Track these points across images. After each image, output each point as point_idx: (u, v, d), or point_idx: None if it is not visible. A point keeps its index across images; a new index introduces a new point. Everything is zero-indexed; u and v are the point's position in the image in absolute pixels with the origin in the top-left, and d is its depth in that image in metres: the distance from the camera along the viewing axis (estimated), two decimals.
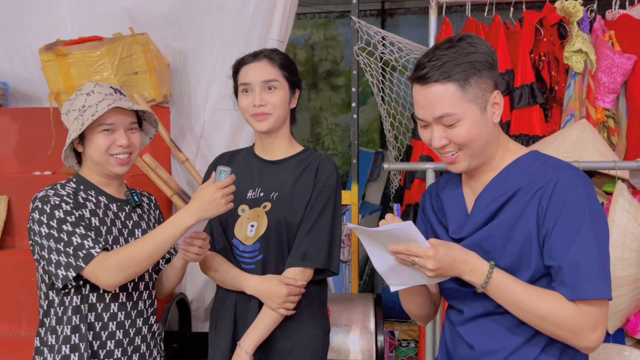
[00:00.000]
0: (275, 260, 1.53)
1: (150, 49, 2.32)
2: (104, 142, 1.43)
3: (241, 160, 1.64)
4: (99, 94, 1.45)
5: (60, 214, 1.37)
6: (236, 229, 1.56)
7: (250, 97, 1.54)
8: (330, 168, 1.57)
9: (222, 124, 2.48)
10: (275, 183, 1.56)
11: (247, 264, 1.55)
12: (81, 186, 1.47)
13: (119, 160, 1.45)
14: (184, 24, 2.48)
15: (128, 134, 1.46)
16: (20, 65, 2.59)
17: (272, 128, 1.55)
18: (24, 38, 2.54)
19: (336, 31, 5.15)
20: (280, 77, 1.55)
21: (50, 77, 2.19)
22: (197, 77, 2.50)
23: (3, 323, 2.07)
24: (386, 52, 2.39)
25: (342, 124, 5.06)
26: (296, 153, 1.61)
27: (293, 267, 1.51)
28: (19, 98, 2.62)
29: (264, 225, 1.52)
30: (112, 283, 1.37)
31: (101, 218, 1.44)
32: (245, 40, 2.41)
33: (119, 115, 1.44)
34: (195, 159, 2.47)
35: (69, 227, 1.36)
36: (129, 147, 1.46)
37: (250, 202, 1.56)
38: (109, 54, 2.19)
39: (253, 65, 1.56)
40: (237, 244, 1.56)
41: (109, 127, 1.43)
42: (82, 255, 1.35)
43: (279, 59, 1.57)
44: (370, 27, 2.35)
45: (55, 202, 1.38)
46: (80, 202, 1.42)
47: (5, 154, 2.43)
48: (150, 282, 1.54)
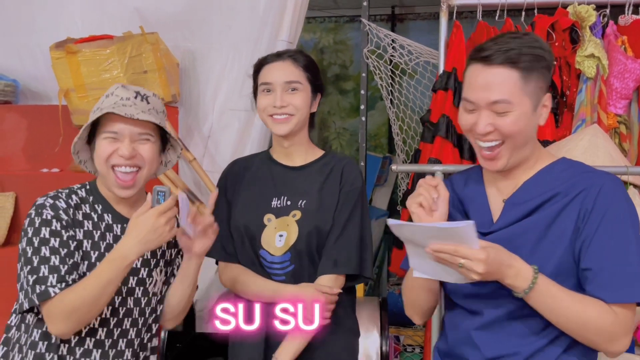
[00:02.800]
0: (307, 270, 1.49)
1: (160, 48, 2.32)
2: (105, 149, 1.28)
3: (259, 166, 1.58)
4: (115, 97, 1.30)
5: (46, 234, 1.24)
6: (263, 240, 1.49)
7: (271, 98, 1.48)
8: (355, 171, 1.54)
9: (230, 124, 2.47)
10: (301, 190, 1.51)
11: (276, 275, 1.49)
12: (90, 197, 1.34)
13: (120, 179, 1.28)
14: (194, 25, 2.49)
15: (135, 144, 1.28)
16: (30, 63, 2.60)
17: (291, 131, 1.49)
18: (34, 36, 2.56)
19: (345, 35, 5.14)
20: (304, 78, 1.50)
21: (60, 74, 2.20)
22: (206, 77, 2.50)
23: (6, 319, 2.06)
24: (396, 55, 2.38)
25: (350, 128, 5.04)
26: (318, 157, 1.56)
27: (325, 274, 1.47)
28: (28, 96, 2.63)
29: (295, 234, 1.47)
30: (57, 331, 1.22)
31: (95, 242, 1.30)
32: (254, 41, 2.41)
33: (124, 123, 1.27)
34: (203, 159, 2.47)
35: (46, 252, 1.22)
36: (134, 160, 1.28)
37: (276, 212, 1.50)
38: (119, 52, 2.19)
39: (276, 65, 1.50)
40: (264, 255, 1.50)
41: (112, 135, 1.28)
42: (39, 292, 1.20)
43: (303, 60, 1.52)
44: (380, 30, 2.34)
45: (48, 217, 1.25)
46: (77, 220, 1.28)
47: (13, 151, 2.44)
48: (140, 317, 1.36)
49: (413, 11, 5.00)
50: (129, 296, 1.34)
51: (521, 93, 1.08)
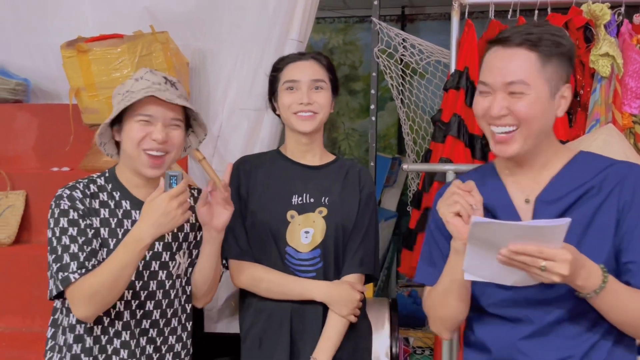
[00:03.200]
0: (334, 267, 1.51)
1: (170, 48, 2.32)
2: (137, 132, 1.32)
3: (271, 164, 1.59)
4: (146, 81, 1.35)
5: (64, 223, 1.30)
6: (288, 237, 1.50)
7: (297, 95, 1.51)
8: (370, 176, 1.61)
9: (240, 124, 2.45)
10: (323, 188, 1.54)
11: (306, 272, 1.50)
12: (109, 185, 1.39)
13: (150, 159, 1.32)
14: (204, 24, 2.48)
15: (167, 129, 1.33)
16: (41, 62, 2.60)
17: (315, 128, 1.53)
18: (45, 36, 2.57)
19: (355, 36, 5.13)
20: (327, 78, 1.55)
21: (71, 73, 2.20)
22: (216, 76, 2.49)
23: (17, 317, 2.07)
24: (407, 54, 2.37)
25: (359, 129, 5.03)
26: (332, 160, 1.61)
27: (352, 273, 1.50)
28: (39, 95, 2.64)
29: (322, 231, 1.49)
30: (80, 314, 1.28)
31: (112, 229, 1.34)
32: (264, 40, 2.40)
33: (159, 107, 1.32)
34: (212, 158, 2.45)
35: (66, 241, 1.29)
36: (165, 145, 1.33)
37: (298, 208, 1.51)
38: (129, 51, 2.19)
39: (302, 64, 1.55)
40: (291, 252, 1.51)
41: (146, 118, 1.32)
42: (61, 278, 1.27)
43: (325, 61, 1.58)
44: (390, 29, 2.33)
45: (65, 207, 1.31)
46: (93, 208, 1.33)
47: (24, 149, 2.45)
48: (164, 299, 1.41)
49: (423, 11, 4.98)
50: (152, 280, 1.39)
51: (539, 76, 1.06)
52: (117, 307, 1.35)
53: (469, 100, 1.99)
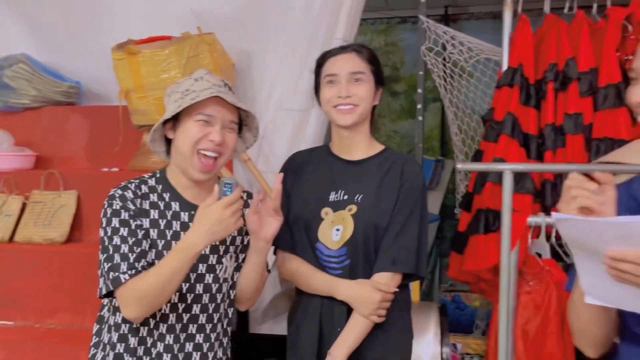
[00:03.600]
0: (363, 265, 1.48)
1: (217, 49, 2.33)
2: (196, 132, 1.32)
3: (318, 160, 1.59)
4: (207, 82, 1.36)
5: (116, 223, 1.31)
6: (320, 233, 1.51)
7: (336, 88, 1.50)
8: (416, 169, 1.52)
9: (284, 124, 2.44)
10: (359, 185, 1.51)
11: (333, 269, 1.49)
12: (159, 186, 1.39)
13: (202, 162, 1.32)
14: (249, 25, 2.48)
15: (225, 131, 1.34)
16: (92, 64, 2.66)
17: (356, 122, 1.50)
18: (96, 38, 2.62)
19: (397, 37, 5.07)
20: (368, 70, 1.52)
21: (121, 75, 2.24)
22: (261, 77, 2.49)
23: (68, 314, 2.11)
24: (455, 52, 2.30)
25: (400, 130, 4.95)
26: (377, 152, 1.56)
27: (383, 272, 1.46)
28: (90, 97, 2.70)
29: (350, 229, 1.47)
30: (130, 315, 1.29)
31: (161, 230, 1.34)
32: (309, 40, 2.38)
33: (220, 108, 1.33)
34: (257, 159, 2.45)
35: (117, 241, 1.30)
36: (221, 147, 1.34)
37: (333, 205, 1.51)
38: (177, 53, 2.21)
39: (341, 57, 1.54)
40: (321, 249, 1.51)
41: (206, 118, 1.32)
42: (112, 278, 1.28)
43: (367, 53, 1.55)
44: (438, 27, 2.27)
45: (117, 207, 1.32)
46: (143, 209, 1.34)
47: (76, 150, 2.52)
48: (211, 303, 1.40)
49: (467, 11, 4.88)
50: (198, 283, 1.38)
51: None
52: (162, 309, 1.35)
53: (523, 98, 1.91)
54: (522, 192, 1.78)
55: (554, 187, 1.83)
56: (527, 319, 1.70)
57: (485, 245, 1.84)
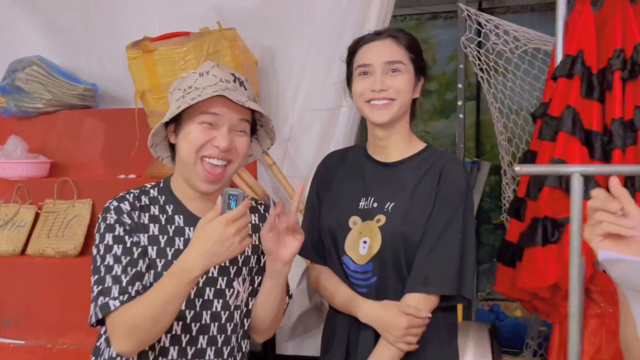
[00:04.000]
0: (393, 285, 1.29)
1: (238, 45, 2.18)
2: (199, 136, 1.13)
3: (353, 161, 1.42)
4: (213, 77, 1.16)
5: (109, 240, 1.13)
6: (347, 245, 1.33)
7: (369, 80, 1.31)
8: (457, 170, 1.32)
9: (311, 125, 2.29)
10: (391, 191, 1.32)
11: (359, 286, 1.33)
12: (162, 196, 1.21)
13: (208, 170, 1.14)
14: (273, 20, 2.35)
15: (233, 135, 1.15)
16: (109, 66, 2.57)
17: (393, 118, 1.31)
18: (113, 39, 2.51)
19: (428, 34, 4.86)
20: (406, 58, 1.32)
21: (136, 75, 2.10)
22: (286, 75, 2.35)
23: (82, 333, 1.97)
24: (499, 42, 2.08)
25: (432, 131, 4.75)
26: (416, 152, 1.36)
27: (413, 292, 1.26)
28: (107, 100, 2.60)
29: (377, 242, 1.29)
30: (120, 349, 1.10)
31: (161, 248, 1.16)
32: (337, 34, 2.21)
33: (226, 108, 1.14)
34: (283, 163, 2.30)
35: (110, 261, 1.11)
36: (228, 153, 1.14)
37: (362, 214, 1.33)
38: (195, 49, 2.06)
39: (375, 45, 1.34)
40: (347, 262, 1.34)
41: (211, 120, 1.13)
42: (101, 304, 1.10)
43: (406, 38, 1.34)
44: (480, 15, 2.05)
45: (111, 221, 1.14)
46: (142, 223, 1.15)
47: (91, 156, 2.40)
48: (220, 335, 1.20)
49: (503, 4, 4.65)
50: (205, 310, 1.18)
51: None
52: (162, 342, 1.16)
53: (584, 90, 1.67)
54: (585, 198, 1.54)
55: None
56: (599, 347, 1.46)
57: (544, 259, 1.61)
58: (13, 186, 2.23)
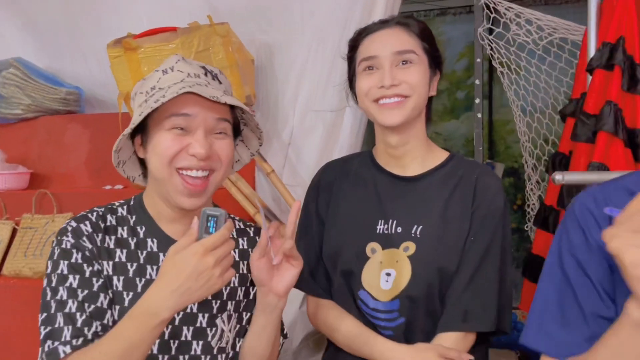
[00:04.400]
0: (424, 323, 1.12)
1: (232, 42, 1.99)
2: (170, 144, 0.95)
3: (359, 173, 1.21)
4: (179, 73, 0.99)
5: (64, 269, 0.95)
6: (364, 277, 1.13)
7: (376, 76, 1.11)
8: (494, 185, 1.14)
9: (314, 128, 2.13)
10: (416, 211, 1.13)
11: (381, 327, 1.13)
12: (133, 216, 1.03)
13: (188, 183, 0.96)
14: (271, 13, 2.19)
15: (211, 139, 0.98)
16: (96, 68, 2.43)
17: (406, 119, 1.11)
18: (99, 39, 2.32)
19: (436, 31, 4.71)
20: (419, 48, 1.13)
21: (119, 76, 1.92)
22: (285, 74, 2.18)
23: None
24: (521, 32, 1.87)
25: (443, 132, 4.59)
26: (441, 163, 1.17)
27: (451, 331, 1.09)
28: (94, 104, 2.46)
29: (407, 275, 1.09)
30: None
31: (129, 278, 0.99)
32: (342, 27, 2.05)
33: (199, 108, 0.96)
34: (283, 170, 2.12)
35: (64, 294, 0.93)
36: (209, 161, 0.97)
37: (382, 240, 1.12)
38: (184, 46, 1.87)
39: (381, 34, 1.14)
40: (365, 299, 1.13)
41: (182, 124, 0.96)
42: (47, 350, 0.91)
43: (417, 26, 1.16)
44: (499, 3, 1.85)
45: (67, 245, 0.97)
46: (106, 248, 0.99)
47: (76, 166, 2.23)
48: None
49: None
50: (182, 354, 1.00)
51: None
52: None
53: (626, 83, 1.46)
54: None
55: None
56: None
57: None
58: None
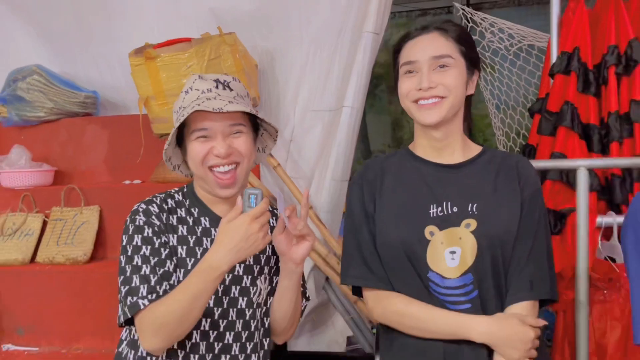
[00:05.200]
0: (495, 296, 1.18)
1: (239, 49, 2.20)
2: (199, 150, 1.18)
3: (401, 167, 1.29)
4: (195, 92, 1.20)
5: (138, 241, 1.17)
6: (430, 259, 1.19)
7: (415, 79, 1.21)
8: (532, 168, 1.26)
9: (313, 126, 2.30)
10: (469, 193, 1.21)
11: (457, 303, 1.18)
12: (187, 200, 1.25)
13: (219, 178, 1.18)
14: (271, 21, 2.35)
15: (229, 139, 1.18)
16: (108, 73, 2.57)
17: (444, 118, 1.20)
18: (111, 46, 2.52)
19: None
20: (456, 52, 1.21)
21: (140, 82, 2.11)
22: (285, 77, 2.36)
23: (95, 338, 2.00)
24: (495, 40, 2.13)
25: None
26: (477, 154, 1.27)
27: (522, 301, 1.17)
28: (107, 107, 2.61)
29: (472, 249, 1.17)
30: (148, 346, 1.13)
31: (190, 247, 1.20)
32: (337, 34, 2.23)
33: (212, 120, 1.17)
34: (286, 164, 2.32)
35: (138, 261, 1.15)
36: (231, 157, 1.18)
37: (438, 222, 1.20)
38: (198, 55, 2.08)
39: (420, 40, 1.23)
40: (435, 279, 1.19)
41: (204, 134, 1.18)
42: (129, 304, 1.13)
43: (455, 30, 1.23)
44: (475, 14, 2.10)
45: (140, 222, 1.18)
46: (170, 225, 1.20)
47: (96, 163, 2.41)
48: (244, 331, 1.23)
49: None
50: (232, 307, 1.22)
51: None
52: (193, 338, 1.19)
53: (581, 85, 1.73)
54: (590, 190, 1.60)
55: (622, 183, 1.65)
56: (603, 332, 1.52)
57: None
58: (19, 195, 2.24)
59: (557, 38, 1.85)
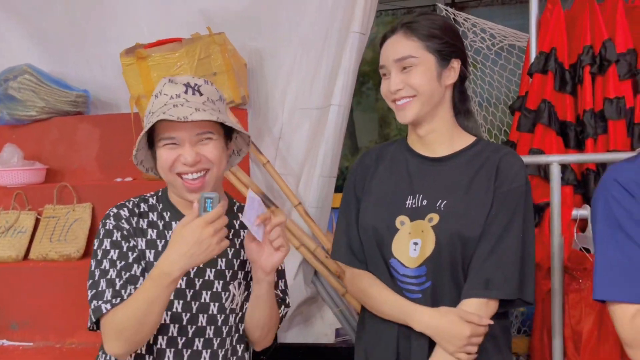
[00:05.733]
0: (449, 289, 1.21)
1: (228, 49, 2.25)
2: (167, 157, 1.14)
3: (394, 156, 1.31)
4: (164, 97, 1.15)
5: (107, 245, 1.17)
6: (394, 247, 1.23)
7: (388, 81, 1.24)
8: (516, 164, 1.23)
9: (301, 124, 2.36)
10: (442, 188, 1.23)
11: (411, 291, 1.23)
12: (160, 204, 1.24)
13: (188, 184, 1.14)
14: (260, 22, 2.40)
15: (198, 147, 1.14)
16: (99, 72, 2.59)
17: (418, 115, 1.22)
18: (102, 45, 2.55)
19: None
20: (420, 49, 1.21)
21: (131, 81, 2.16)
22: (274, 76, 2.41)
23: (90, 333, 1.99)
24: (477, 40, 2.20)
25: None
26: (467, 146, 1.27)
27: (474, 297, 1.18)
28: (98, 105, 2.63)
29: (431, 243, 1.20)
30: (110, 350, 1.13)
31: (158, 252, 1.18)
32: (324, 35, 2.29)
33: (179, 126, 1.12)
34: (275, 161, 2.37)
35: (106, 265, 1.14)
36: (199, 164, 1.14)
37: (410, 213, 1.23)
38: (188, 55, 2.13)
39: (388, 42, 1.25)
40: (396, 266, 1.24)
41: (170, 141, 1.14)
42: (94, 307, 1.13)
43: (423, 27, 1.22)
44: (458, 14, 2.17)
45: (110, 226, 1.18)
46: (140, 228, 1.19)
47: (88, 161, 2.44)
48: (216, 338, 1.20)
49: None
50: (202, 313, 1.20)
51: None
52: (159, 344, 1.18)
53: (558, 84, 1.81)
54: (562, 184, 1.68)
55: (597, 177, 1.73)
56: (579, 319, 1.60)
57: None
58: (11, 193, 2.27)
59: (536, 38, 1.92)
